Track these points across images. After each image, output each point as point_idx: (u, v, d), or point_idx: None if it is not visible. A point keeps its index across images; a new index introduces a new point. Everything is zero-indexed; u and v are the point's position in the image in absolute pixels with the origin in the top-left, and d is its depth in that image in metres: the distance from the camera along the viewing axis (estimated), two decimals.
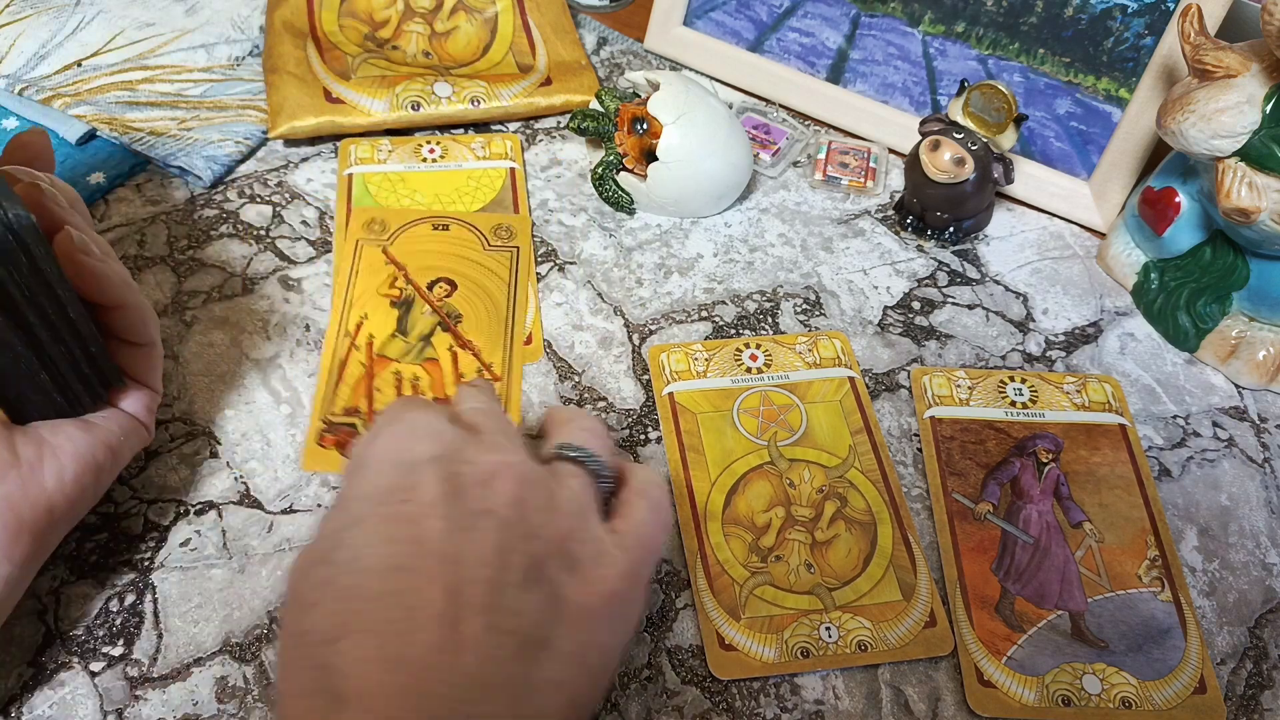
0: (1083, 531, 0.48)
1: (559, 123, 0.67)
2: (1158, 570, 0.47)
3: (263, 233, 0.59)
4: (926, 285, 0.60)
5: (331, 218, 0.60)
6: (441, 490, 0.32)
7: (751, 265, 0.60)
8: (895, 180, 0.65)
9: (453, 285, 0.55)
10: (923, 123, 0.60)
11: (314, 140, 0.64)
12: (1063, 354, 0.57)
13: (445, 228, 0.58)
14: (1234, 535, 0.49)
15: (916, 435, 0.52)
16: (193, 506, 0.47)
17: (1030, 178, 0.63)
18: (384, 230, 0.57)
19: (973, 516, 0.49)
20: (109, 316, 0.40)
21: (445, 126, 0.66)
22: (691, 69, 0.71)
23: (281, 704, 0.30)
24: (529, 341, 0.55)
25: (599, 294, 0.58)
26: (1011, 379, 0.54)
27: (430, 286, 0.55)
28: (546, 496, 0.33)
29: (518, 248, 0.58)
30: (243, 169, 0.62)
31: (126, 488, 0.47)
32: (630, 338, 0.56)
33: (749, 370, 0.54)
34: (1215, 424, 0.54)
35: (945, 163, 0.57)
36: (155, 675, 0.42)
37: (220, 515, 0.47)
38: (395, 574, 0.30)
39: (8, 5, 0.71)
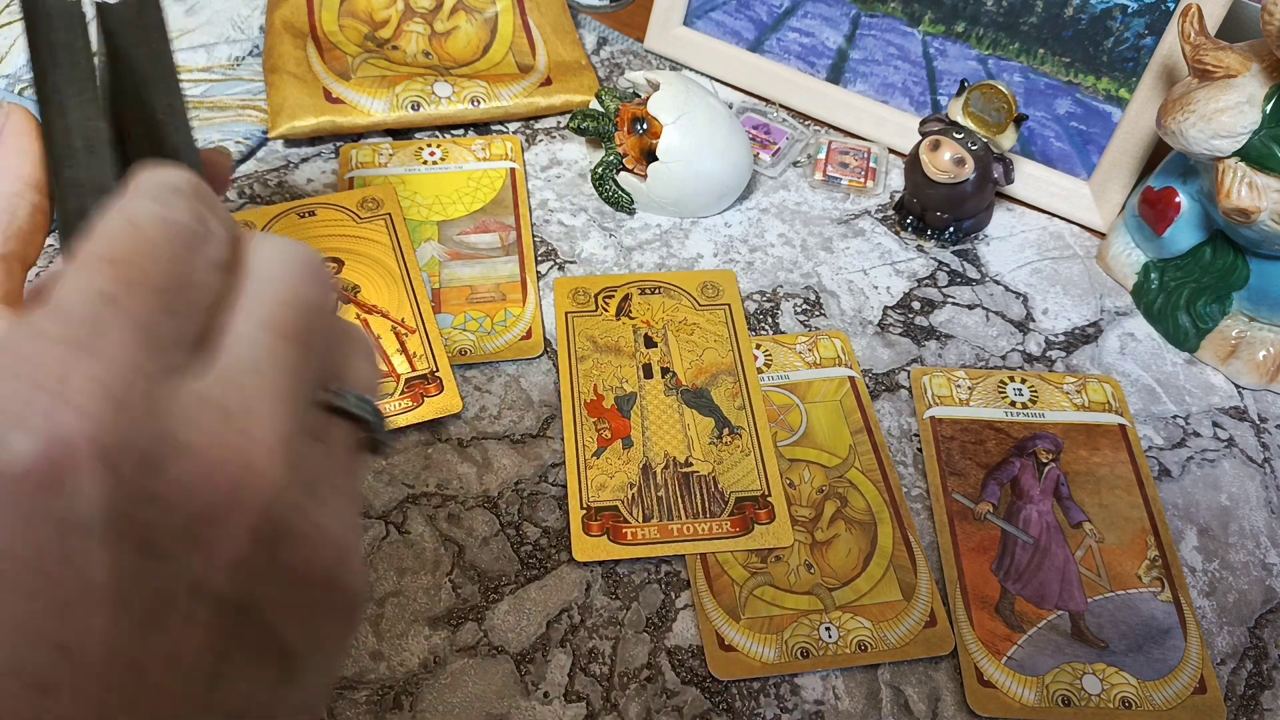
0: (1083, 531, 0.48)
1: (559, 123, 0.67)
2: (1158, 570, 0.47)
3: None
4: (926, 285, 0.60)
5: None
6: None
7: (751, 265, 0.60)
8: (895, 180, 0.65)
9: (339, 262, 0.57)
10: (923, 123, 0.60)
11: (314, 140, 0.64)
12: (1063, 354, 0.56)
13: (312, 214, 0.59)
14: (1234, 535, 0.49)
15: (916, 435, 0.52)
16: None
17: (1030, 178, 0.63)
18: (251, 231, 0.58)
19: (973, 516, 0.49)
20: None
21: (445, 126, 0.66)
22: (691, 69, 0.71)
23: None
24: (528, 336, 0.55)
25: None
26: (1011, 379, 0.54)
27: None
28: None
29: (389, 215, 0.59)
30: (243, 169, 0.62)
31: None
32: None
33: None
34: (1215, 424, 0.54)
35: (945, 163, 0.57)
36: None
37: None
38: None
39: (7, 5, 0.71)
